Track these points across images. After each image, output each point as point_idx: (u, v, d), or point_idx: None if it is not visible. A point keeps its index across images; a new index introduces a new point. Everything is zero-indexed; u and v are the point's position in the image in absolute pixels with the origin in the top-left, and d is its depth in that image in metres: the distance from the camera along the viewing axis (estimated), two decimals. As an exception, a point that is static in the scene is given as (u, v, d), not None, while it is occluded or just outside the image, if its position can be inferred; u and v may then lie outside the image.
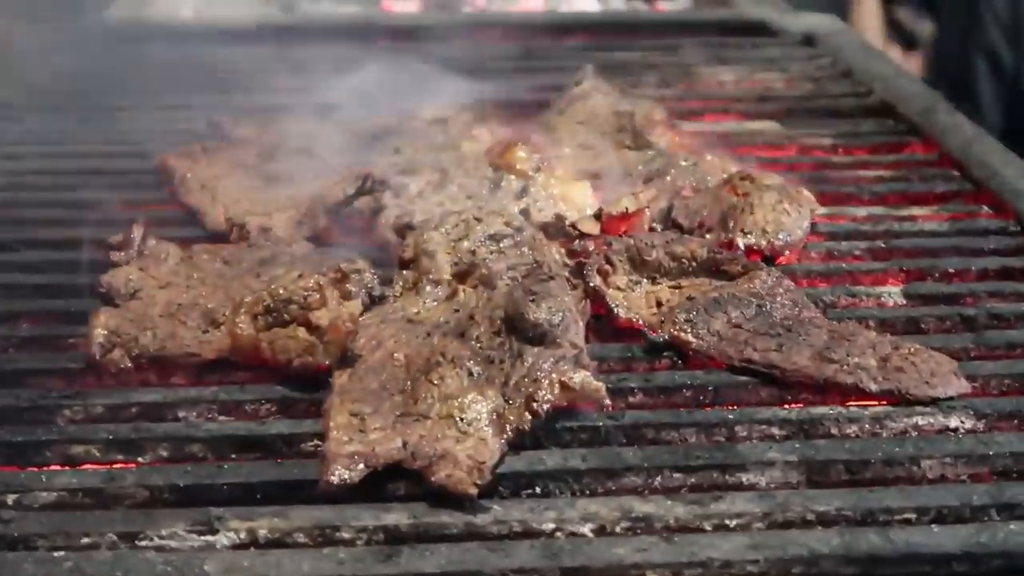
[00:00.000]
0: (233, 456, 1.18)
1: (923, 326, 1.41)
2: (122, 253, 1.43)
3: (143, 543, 1.04)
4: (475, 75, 2.12)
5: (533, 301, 1.27)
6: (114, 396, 1.25)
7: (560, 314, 1.27)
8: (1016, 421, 1.23)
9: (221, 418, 1.23)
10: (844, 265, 1.55)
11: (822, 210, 1.69)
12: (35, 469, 1.15)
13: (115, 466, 1.16)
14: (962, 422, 1.23)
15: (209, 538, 1.05)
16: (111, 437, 1.18)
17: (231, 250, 1.49)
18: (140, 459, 1.18)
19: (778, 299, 1.37)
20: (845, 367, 1.27)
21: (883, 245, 1.59)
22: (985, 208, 1.72)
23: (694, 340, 1.32)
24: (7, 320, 1.40)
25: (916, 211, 1.72)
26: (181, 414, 1.23)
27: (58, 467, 1.16)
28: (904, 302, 1.46)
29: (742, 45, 2.53)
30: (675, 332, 1.33)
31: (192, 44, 2.44)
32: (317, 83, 2.17)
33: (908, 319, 1.41)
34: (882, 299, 1.46)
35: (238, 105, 2.09)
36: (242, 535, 1.05)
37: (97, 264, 1.45)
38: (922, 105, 2.05)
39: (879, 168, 1.87)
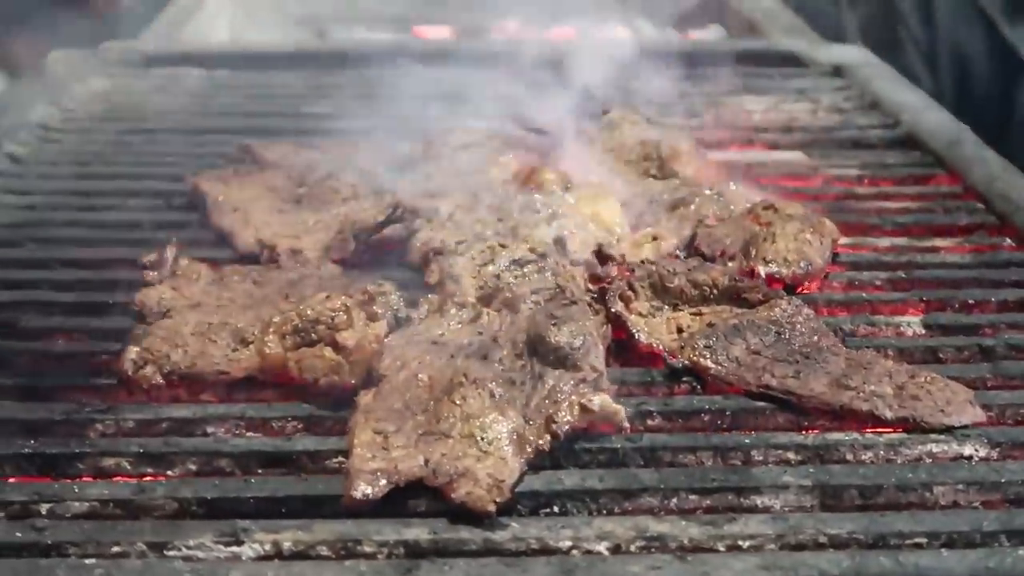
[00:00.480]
0: (259, 471, 1.21)
1: (941, 356, 1.42)
2: (155, 273, 1.46)
3: (171, 553, 1.07)
4: (503, 101, 2.15)
5: (555, 325, 1.30)
6: (145, 411, 1.28)
7: (581, 338, 1.29)
8: (1030, 450, 1.25)
9: (249, 434, 1.27)
10: (865, 295, 1.56)
11: (845, 240, 1.71)
12: (68, 480, 1.18)
13: (145, 479, 1.20)
14: (976, 450, 1.24)
15: (235, 549, 1.08)
16: (141, 450, 1.21)
17: (261, 271, 1.53)
18: (169, 472, 1.21)
19: (797, 327, 1.39)
20: (861, 394, 1.29)
21: (904, 276, 1.61)
22: (1008, 241, 1.73)
23: (713, 366, 1.35)
24: (42, 336, 1.44)
25: (939, 243, 1.73)
26: (210, 430, 1.27)
27: (90, 479, 1.20)
28: (923, 332, 1.48)
29: (771, 76, 2.55)
30: (694, 358, 1.36)
31: (225, 69, 2.50)
32: (348, 108, 2.22)
33: (927, 348, 1.43)
34: (901, 328, 1.48)
35: (269, 129, 2.13)
36: (267, 547, 1.08)
37: (130, 283, 1.48)
38: (948, 137, 2.07)
39: (903, 199, 1.89)
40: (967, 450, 1.24)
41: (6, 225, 1.74)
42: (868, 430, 1.27)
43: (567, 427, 1.21)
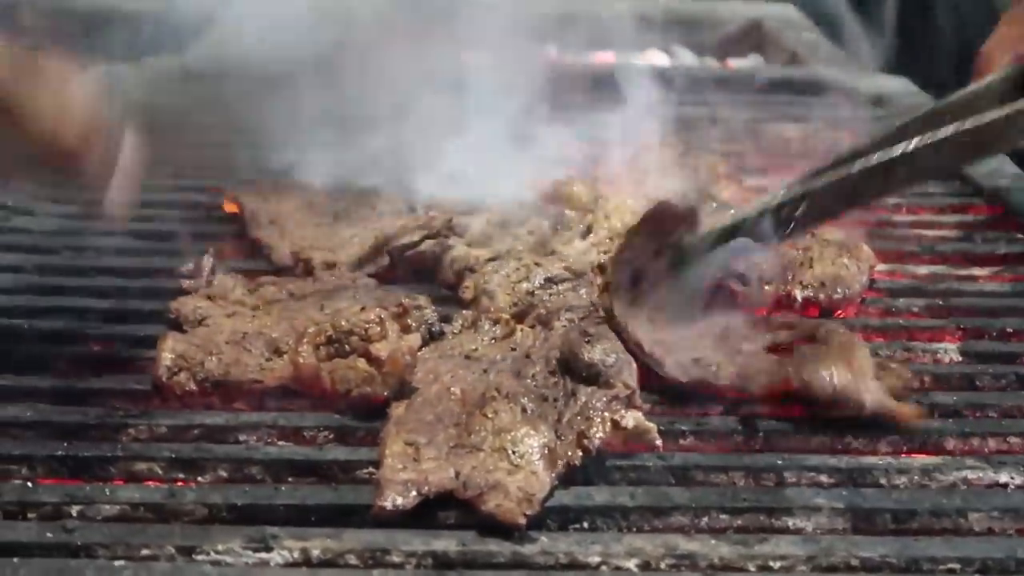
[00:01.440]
0: (290, 479, 1.21)
1: (978, 383, 1.41)
2: (191, 282, 1.47)
3: (200, 557, 1.07)
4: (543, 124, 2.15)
5: (588, 342, 1.30)
6: (178, 417, 1.29)
7: (614, 355, 1.29)
8: (1068, 479, 1.23)
9: (280, 443, 1.26)
10: (901, 321, 1.56)
11: (882, 266, 1.71)
12: (99, 483, 1.18)
13: (176, 484, 1.20)
14: (1012, 478, 1.23)
15: (263, 555, 1.08)
16: (173, 456, 1.22)
17: (296, 283, 1.54)
18: (200, 478, 1.21)
19: None
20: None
21: (941, 303, 1.60)
22: (1049, 270, 1.72)
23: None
24: (79, 342, 1.45)
25: (977, 271, 1.72)
26: (242, 437, 1.27)
27: (121, 482, 1.20)
28: (960, 359, 1.47)
29: (810, 104, 2.54)
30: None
31: (266, 84, 2.51)
32: (386, 123, 2.22)
33: (963, 375, 1.42)
34: (938, 355, 1.47)
35: (304, 143, 2.14)
36: (295, 554, 1.08)
37: (166, 292, 1.49)
38: (988, 167, 2.06)
39: (942, 228, 1.88)
40: (1003, 477, 1.23)
41: (45, 232, 1.75)
42: (903, 454, 1.26)
43: (599, 443, 1.20)
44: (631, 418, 1.22)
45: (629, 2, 3.80)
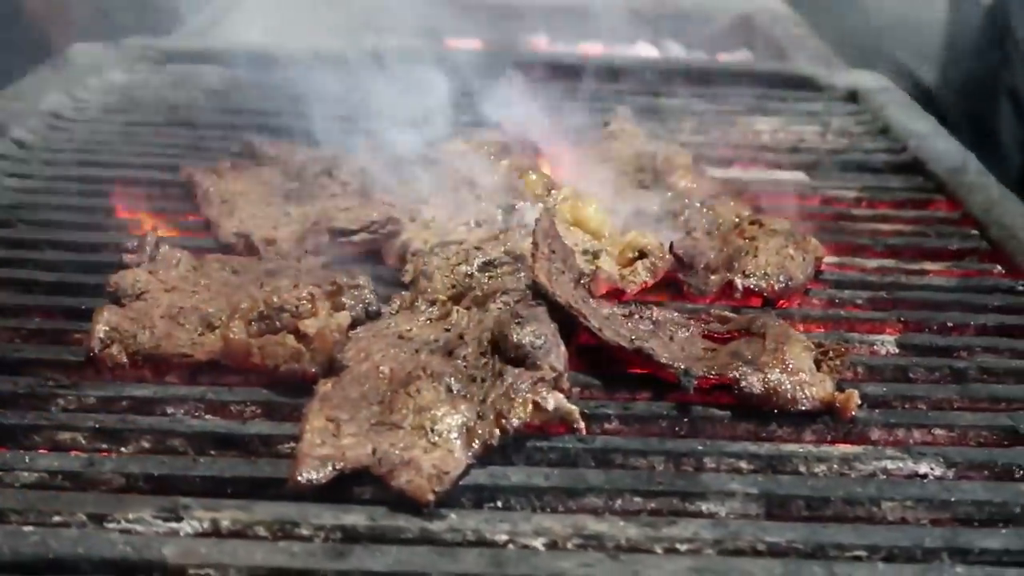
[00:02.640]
0: (212, 452, 1.22)
1: (912, 375, 1.41)
2: (134, 256, 1.48)
3: (110, 525, 1.09)
4: (516, 110, 2.15)
5: (518, 324, 1.31)
6: (107, 389, 1.30)
7: (543, 338, 1.30)
8: (986, 472, 1.24)
9: (207, 417, 1.27)
10: (843, 312, 1.56)
11: (832, 259, 1.71)
12: (21, 451, 1.19)
13: (98, 454, 1.21)
14: (932, 469, 1.24)
15: (173, 525, 1.09)
16: (97, 426, 1.23)
17: (242, 261, 1.54)
18: (123, 449, 1.22)
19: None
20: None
21: (886, 296, 1.60)
22: (999, 268, 1.72)
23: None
24: (20, 313, 1.46)
25: (928, 266, 1.72)
26: (169, 410, 1.28)
27: (45, 451, 1.21)
28: (896, 351, 1.47)
29: (786, 98, 2.55)
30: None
31: (243, 69, 2.52)
32: (359, 110, 2.23)
33: (896, 367, 1.42)
34: (875, 347, 1.47)
35: (278, 127, 2.15)
36: (205, 524, 1.09)
37: (112, 266, 1.50)
38: (952, 164, 2.06)
39: (899, 223, 1.88)
40: (923, 468, 1.24)
41: (2, 206, 1.76)
42: (824, 443, 1.27)
43: (517, 423, 1.21)
44: (552, 400, 1.23)
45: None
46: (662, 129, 2.27)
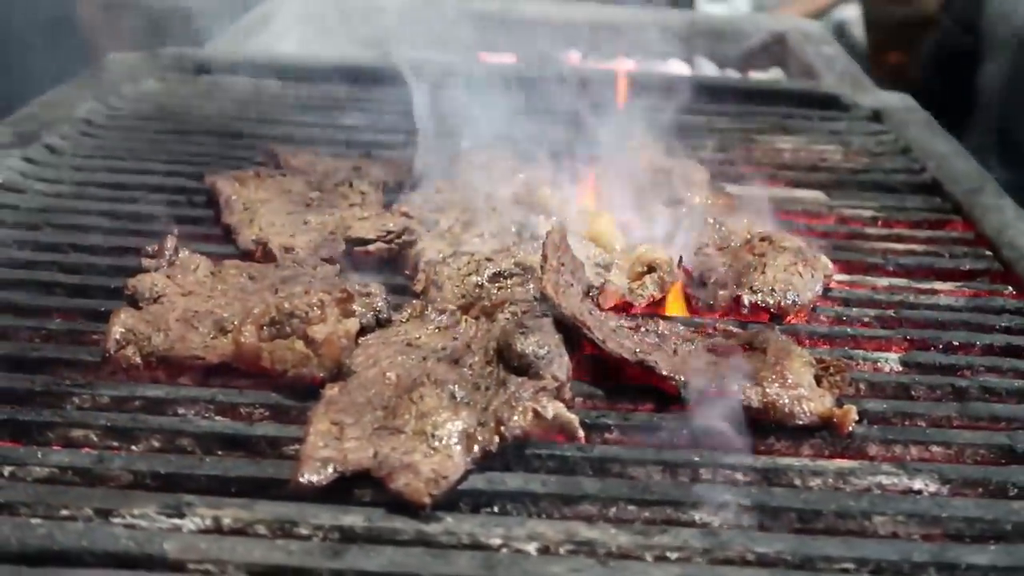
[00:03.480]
0: (219, 452, 1.25)
1: (913, 393, 1.43)
2: (153, 261, 1.52)
3: (116, 520, 1.12)
4: (539, 124, 2.18)
5: (523, 334, 1.33)
6: (121, 389, 1.33)
7: (546, 348, 1.32)
8: (980, 489, 1.25)
9: (217, 418, 1.31)
10: (850, 330, 1.57)
11: (843, 277, 1.73)
12: (35, 447, 1.23)
13: (109, 451, 1.24)
14: (926, 485, 1.25)
15: (177, 521, 1.12)
16: (109, 425, 1.27)
17: (259, 268, 1.58)
18: (134, 447, 1.26)
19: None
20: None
21: (893, 314, 1.61)
22: (1010, 289, 1.73)
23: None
24: (41, 314, 1.50)
25: (938, 285, 1.74)
26: (180, 411, 1.31)
27: (59, 447, 1.25)
28: (900, 369, 1.48)
29: (810, 117, 2.56)
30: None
31: (272, 79, 2.57)
32: (385, 122, 2.27)
33: (899, 385, 1.43)
34: (879, 364, 1.49)
35: (304, 137, 2.20)
36: (207, 521, 1.12)
37: (133, 270, 1.54)
38: (970, 185, 2.07)
39: (913, 243, 1.89)
40: (917, 484, 1.25)
41: (31, 209, 1.81)
42: (820, 457, 1.28)
43: (517, 431, 1.23)
44: (552, 409, 1.25)
45: (655, 12, 3.86)
46: (684, 146, 2.29)
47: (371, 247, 1.66)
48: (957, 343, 1.55)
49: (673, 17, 3.88)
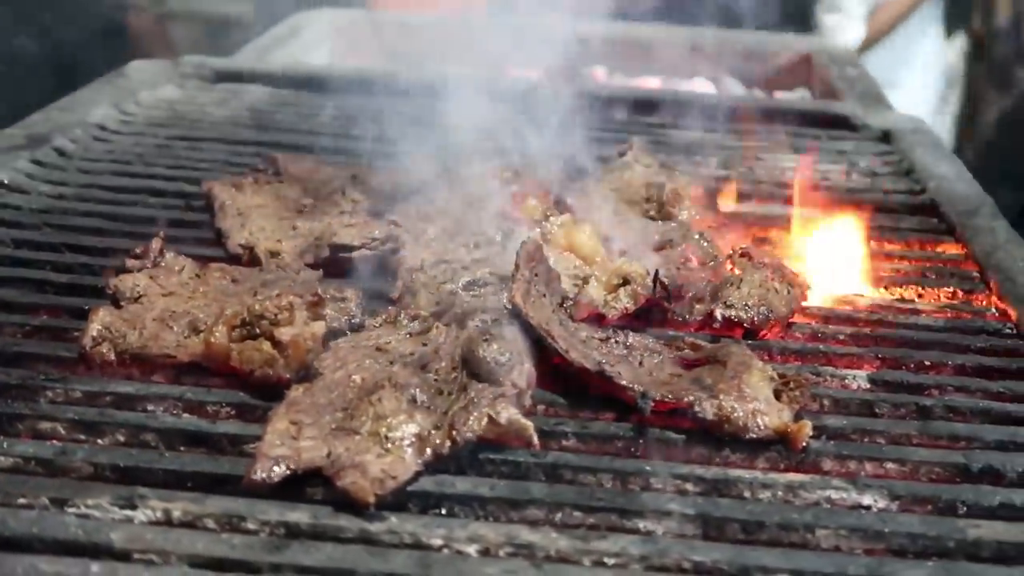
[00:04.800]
0: (182, 448, 1.28)
1: (877, 410, 1.43)
2: (137, 262, 1.56)
3: (70, 509, 1.15)
4: (540, 139, 2.20)
5: (486, 341, 1.36)
6: (94, 384, 1.37)
7: (507, 355, 1.35)
8: (930, 506, 1.25)
9: (185, 415, 1.34)
10: (822, 346, 1.58)
11: (829, 294, 1.74)
12: (2, 437, 1.27)
13: (75, 444, 1.28)
14: (875, 500, 1.26)
15: (128, 512, 1.15)
16: (77, 418, 1.30)
17: (242, 271, 1.62)
18: (99, 441, 1.29)
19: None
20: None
21: (869, 332, 1.62)
22: (993, 310, 1.73)
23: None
24: (27, 310, 1.54)
25: (921, 305, 1.74)
26: (149, 407, 1.35)
27: (27, 439, 1.28)
28: (867, 386, 1.49)
29: (819, 136, 2.57)
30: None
31: (288, 89, 2.61)
32: (392, 133, 2.30)
33: (862, 402, 1.44)
34: (846, 381, 1.50)
35: (310, 146, 2.23)
36: (158, 514, 1.15)
37: (123, 270, 1.58)
38: (966, 207, 2.07)
39: (902, 262, 1.90)
40: (867, 499, 1.26)
41: (32, 210, 1.86)
42: (771, 470, 1.30)
43: (470, 435, 1.25)
44: (505, 415, 1.27)
45: (685, 31, 3.87)
46: (689, 162, 2.31)
47: (355, 254, 1.69)
48: (929, 362, 1.55)
49: (702, 36, 3.89)
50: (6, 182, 1.93)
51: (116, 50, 3.53)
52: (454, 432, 1.25)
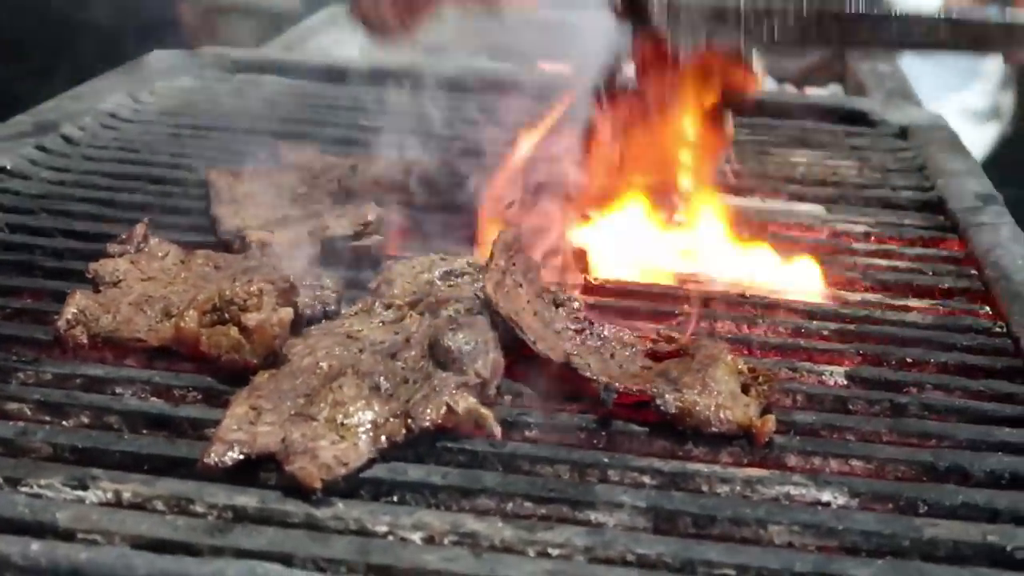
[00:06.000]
0: (144, 431, 1.29)
1: (851, 407, 1.42)
2: (119, 246, 1.57)
3: (23, 489, 1.17)
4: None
5: (452, 330, 1.36)
6: (65, 367, 1.39)
7: (472, 344, 1.34)
8: (890, 504, 1.24)
9: (153, 399, 1.35)
10: (803, 342, 1.57)
11: (821, 290, 1.72)
12: (-36, 416, 1.29)
13: (42, 425, 1.29)
14: (835, 497, 1.24)
15: (80, 493, 1.17)
16: (43, 400, 1.32)
17: (227, 257, 1.63)
18: (64, 422, 1.31)
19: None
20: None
21: (853, 328, 1.60)
22: (986, 309, 1.70)
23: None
24: (11, 294, 1.56)
25: (913, 302, 1.72)
26: (118, 390, 1.36)
27: (-7, 419, 1.30)
28: (844, 383, 1.47)
29: (835, 132, 2.54)
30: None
31: (306, 80, 2.63)
32: (406, 125, 2.30)
33: (836, 398, 1.42)
34: (823, 378, 1.48)
35: (320, 136, 2.24)
36: (108, 495, 1.17)
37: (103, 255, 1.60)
38: (973, 204, 2.04)
39: (900, 259, 1.87)
40: (826, 496, 1.24)
41: (31, 195, 1.88)
42: (731, 464, 1.29)
43: (426, 423, 1.25)
44: (464, 404, 1.27)
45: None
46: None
47: (347, 243, 1.69)
48: (911, 359, 1.53)
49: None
50: (8, 168, 1.95)
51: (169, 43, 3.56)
52: (409, 420, 1.25)
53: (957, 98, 4.17)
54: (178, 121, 2.33)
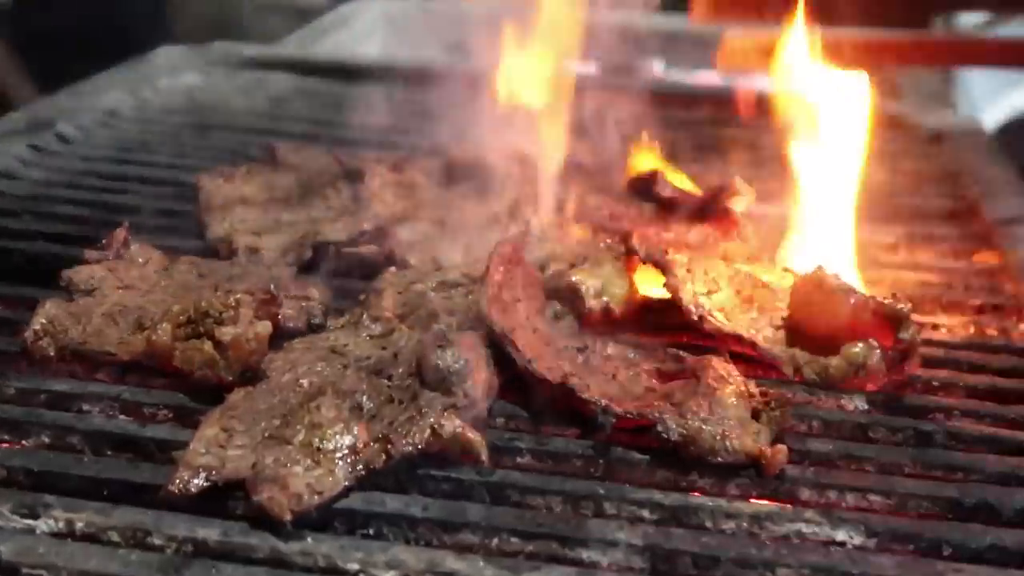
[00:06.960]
0: (108, 452, 1.21)
1: (871, 434, 1.31)
2: (97, 252, 1.49)
3: (-29, 516, 1.08)
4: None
5: (440, 347, 1.26)
6: (30, 381, 1.30)
7: (461, 362, 1.25)
8: (911, 545, 1.13)
9: (121, 417, 1.27)
10: (822, 362, 1.46)
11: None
12: (-82, 434, 1.21)
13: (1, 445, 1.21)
14: (851, 537, 1.14)
15: (29, 522, 1.08)
16: (2, 416, 1.23)
17: (212, 265, 1.54)
18: (24, 442, 1.22)
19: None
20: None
21: (878, 348, 1.49)
22: (1021, 328, 1.60)
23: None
24: (-18, 301, 1.48)
25: (943, 319, 1.61)
26: (85, 407, 1.27)
27: (-50, 438, 1.22)
28: (865, 407, 1.37)
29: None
30: None
31: (315, 77, 2.54)
32: (413, 125, 2.22)
33: (856, 425, 1.32)
34: (842, 401, 1.37)
35: (323, 136, 2.16)
36: (60, 525, 1.08)
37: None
38: (1009, 214, 1.93)
39: (929, 272, 1.77)
40: (840, 535, 1.14)
41: (18, 196, 1.81)
42: (737, 499, 1.18)
43: (408, 449, 1.16)
44: (450, 427, 1.18)
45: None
46: (720, 160, 2.20)
47: (338, 250, 1.61)
48: (937, 383, 1.43)
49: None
50: (-5, 167, 1.88)
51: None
52: (389, 446, 1.16)
53: (1006, 102, 4.05)
54: (179, 120, 2.25)
